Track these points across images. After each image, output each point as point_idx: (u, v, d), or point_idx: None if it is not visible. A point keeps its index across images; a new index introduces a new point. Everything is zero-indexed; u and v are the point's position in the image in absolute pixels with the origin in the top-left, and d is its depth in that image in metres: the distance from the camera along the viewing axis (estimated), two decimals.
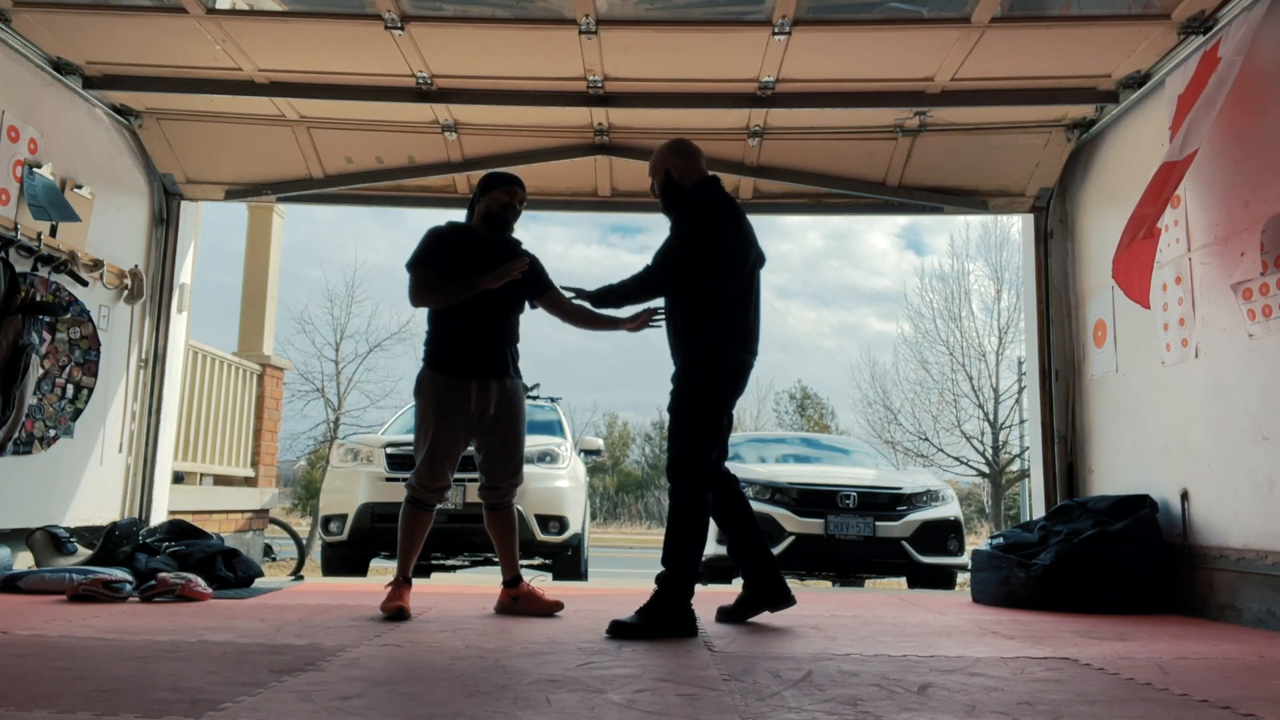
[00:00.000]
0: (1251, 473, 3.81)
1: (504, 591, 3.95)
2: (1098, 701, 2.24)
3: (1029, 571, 4.35)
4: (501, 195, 3.86)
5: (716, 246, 3.48)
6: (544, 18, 4.42)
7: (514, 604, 3.90)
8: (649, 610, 3.31)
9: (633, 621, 3.27)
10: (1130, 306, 4.83)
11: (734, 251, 3.52)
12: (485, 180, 3.93)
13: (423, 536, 3.84)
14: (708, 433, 3.47)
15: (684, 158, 3.69)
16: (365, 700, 2.11)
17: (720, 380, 3.49)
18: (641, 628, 3.24)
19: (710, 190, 3.63)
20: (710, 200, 3.59)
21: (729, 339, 3.48)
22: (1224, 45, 3.91)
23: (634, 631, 3.22)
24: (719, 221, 3.54)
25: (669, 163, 3.68)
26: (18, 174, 4.58)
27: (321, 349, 23.46)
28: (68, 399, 4.99)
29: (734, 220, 3.58)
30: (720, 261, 3.47)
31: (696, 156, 3.71)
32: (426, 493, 3.77)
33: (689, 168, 3.67)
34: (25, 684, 2.19)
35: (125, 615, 3.53)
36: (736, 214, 3.61)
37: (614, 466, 36.66)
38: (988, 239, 25.38)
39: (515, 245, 3.94)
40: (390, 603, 3.65)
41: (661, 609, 3.30)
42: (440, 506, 3.92)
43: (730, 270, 3.49)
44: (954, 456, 22.12)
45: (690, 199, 3.61)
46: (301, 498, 29.17)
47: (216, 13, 4.43)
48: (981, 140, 5.52)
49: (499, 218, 3.87)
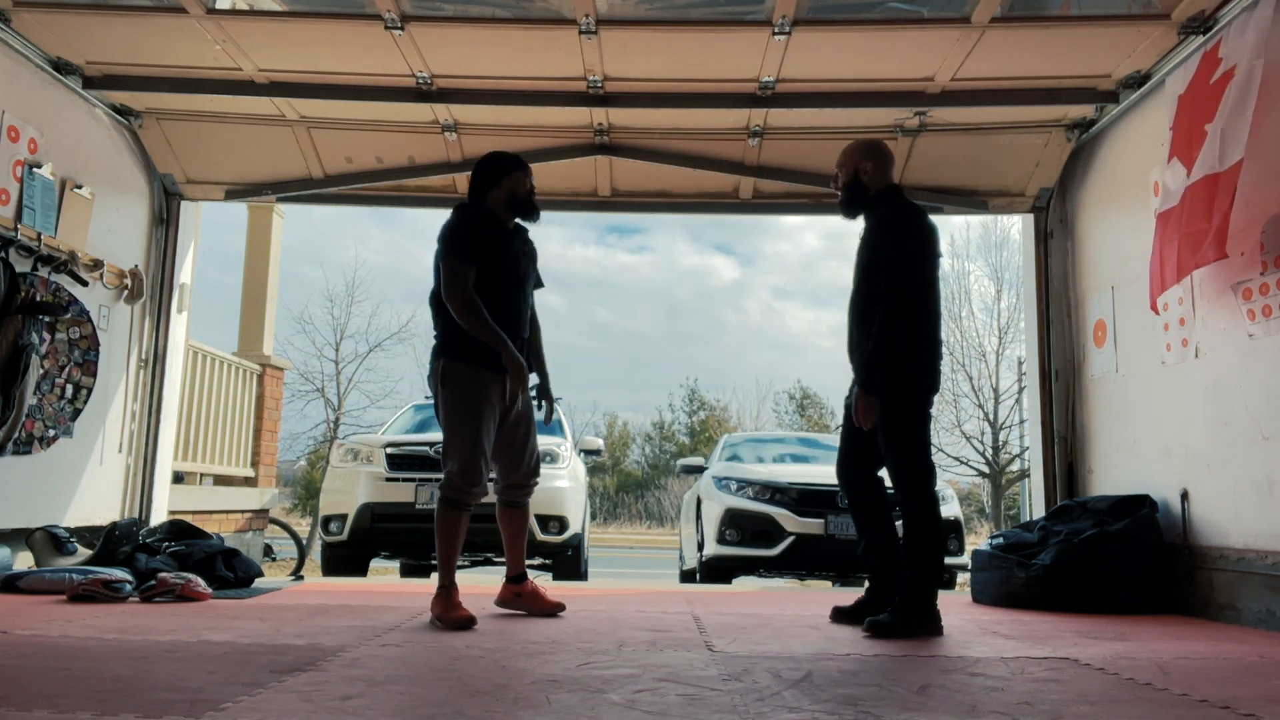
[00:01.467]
0: (1251, 473, 3.81)
1: (507, 586, 3.90)
2: (1098, 701, 2.24)
3: (1029, 571, 4.35)
4: (521, 178, 3.73)
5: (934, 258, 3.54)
6: (544, 18, 4.42)
7: (517, 600, 3.86)
8: (904, 609, 3.39)
9: (889, 620, 3.36)
10: (1130, 307, 4.84)
11: (934, 262, 3.58)
12: (497, 163, 3.75)
13: (462, 538, 3.67)
14: (928, 435, 3.57)
15: (878, 162, 3.67)
16: (365, 700, 2.11)
17: (925, 386, 3.55)
18: (899, 626, 3.34)
19: (905, 199, 3.65)
20: (919, 212, 3.58)
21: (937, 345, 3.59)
22: (1225, 45, 3.90)
23: (892, 630, 3.32)
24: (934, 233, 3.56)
25: (861, 164, 3.66)
26: (18, 174, 4.58)
27: (321, 349, 23.52)
28: (67, 399, 4.99)
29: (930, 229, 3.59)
30: (922, 271, 3.50)
31: (891, 164, 3.71)
32: (468, 493, 3.57)
33: (881, 173, 3.66)
34: (25, 684, 2.19)
35: (125, 615, 3.53)
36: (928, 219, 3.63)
37: (614, 466, 36.64)
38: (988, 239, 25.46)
39: (526, 234, 3.87)
40: (455, 613, 3.43)
41: (918, 609, 3.39)
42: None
43: (932, 280, 3.56)
44: (954, 456, 22.16)
45: (893, 207, 3.59)
46: (301, 498, 29.17)
47: (216, 13, 4.43)
48: (981, 140, 5.52)
49: (526, 202, 3.74)
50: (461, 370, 3.59)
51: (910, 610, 3.38)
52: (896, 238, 3.51)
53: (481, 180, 3.76)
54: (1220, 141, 3.72)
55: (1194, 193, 3.84)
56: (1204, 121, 3.93)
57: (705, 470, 7.79)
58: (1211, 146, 3.78)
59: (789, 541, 6.42)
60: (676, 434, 37.82)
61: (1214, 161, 3.74)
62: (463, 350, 3.59)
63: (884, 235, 3.56)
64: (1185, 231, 3.89)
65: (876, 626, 3.35)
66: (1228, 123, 3.71)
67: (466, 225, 3.65)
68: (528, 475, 3.83)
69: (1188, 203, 3.90)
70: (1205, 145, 3.84)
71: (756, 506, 6.60)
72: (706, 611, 4.03)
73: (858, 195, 3.67)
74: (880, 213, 3.62)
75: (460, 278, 3.55)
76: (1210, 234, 3.69)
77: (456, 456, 3.57)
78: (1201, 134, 3.92)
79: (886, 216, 3.59)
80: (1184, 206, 3.94)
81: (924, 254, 3.51)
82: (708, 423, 36.24)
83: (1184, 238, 3.90)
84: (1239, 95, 3.69)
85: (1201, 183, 3.81)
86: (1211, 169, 3.75)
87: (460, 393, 3.58)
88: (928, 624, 3.38)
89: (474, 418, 3.56)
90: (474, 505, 3.63)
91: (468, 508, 3.62)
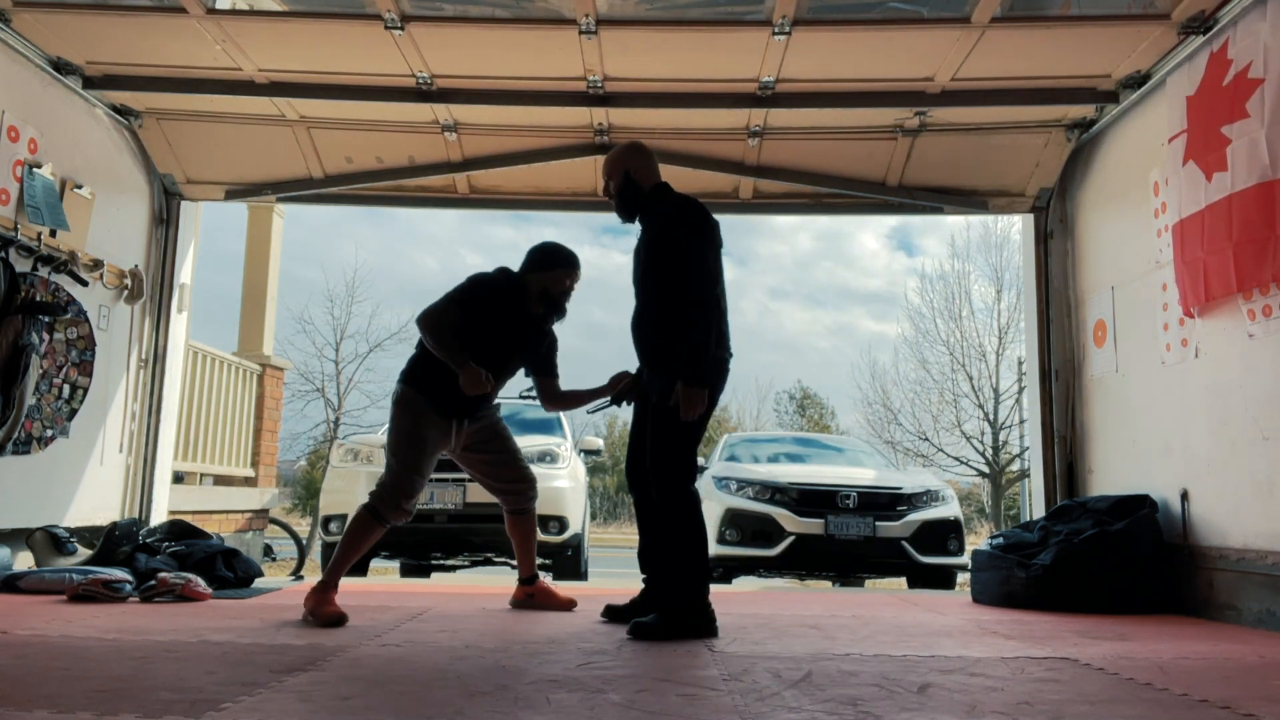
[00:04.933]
0: (1251, 473, 3.81)
1: (520, 588, 4.10)
2: (1098, 701, 2.24)
3: (1029, 571, 4.35)
4: (564, 278, 3.83)
5: (705, 249, 3.42)
6: (544, 18, 4.42)
7: (530, 600, 4.05)
8: (675, 614, 3.28)
9: (655, 624, 3.25)
10: (1130, 307, 4.84)
11: (717, 253, 3.48)
12: (546, 255, 3.84)
13: (366, 549, 3.74)
14: (698, 433, 3.44)
15: (645, 159, 3.65)
16: (365, 700, 2.11)
17: (711, 382, 3.43)
18: (662, 628, 3.23)
19: (675, 194, 3.59)
20: (687, 203, 3.52)
21: (715, 340, 3.44)
22: (1234, 46, 3.87)
23: (655, 632, 3.21)
24: (705, 223, 3.47)
25: (630, 163, 3.62)
26: (18, 174, 4.58)
27: (321, 349, 23.50)
28: (64, 399, 4.99)
29: (708, 217, 3.51)
30: (709, 264, 3.41)
31: (654, 159, 3.68)
32: (394, 511, 3.64)
33: (649, 169, 3.63)
34: (25, 684, 2.19)
35: (125, 615, 3.53)
36: (703, 209, 3.55)
37: (614, 466, 36.60)
38: (988, 239, 25.39)
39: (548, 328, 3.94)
40: (325, 609, 3.45)
41: (683, 608, 3.28)
42: (440, 506, 3.92)
43: (717, 272, 3.45)
44: (954, 456, 22.15)
45: (663, 202, 3.55)
46: (301, 498, 29.17)
47: (216, 13, 4.43)
48: (981, 140, 5.52)
49: (557, 303, 3.85)
50: (416, 401, 3.73)
51: (675, 611, 3.27)
52: (678, 232, 3.43)
53: (531, 261, 3.87)
54: (1266, 148, 3.63)
55: (1245, 202, 3.74)
56: (1220, 124, 3.88)
57: (705, 470, 7.79)
58: (1252, 153, 3.70)
59: (789, 541, 6.42)
60: None
61: (1264, 169, 3.64)
62: (423, 384, 3.74)
63: (665, 231, 3.47)
64: (1240, 240, 3.76)
65: (639, 628, 3.23)
66: (1272, 130, 3.61)
67: (478, 288, 3.75)
68: (523, 481, 4.00)
69: (1235, 212, 3.79)
70: (1235, 150, 3.77)
71: (756, 506, 6.61)
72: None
73: (634, 196, 3.60)
74: (658, 209, 3.54)
75: (440, 318, 3.65)
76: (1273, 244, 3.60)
77: (391, 476, 3.68)
78: (1220, 138, 3.87)
79: (664, 212, 3.51)
80: (1224, 216, 3.84)
81: (706, 245, 3.42)
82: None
83: (1239, 246, 3.77)
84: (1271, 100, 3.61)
85: (1253, 190, 3.69)
86: (1264, 176, 3.65)
87: (408, 421, 3.72)
88: (697, 625, 3.26)
89: (416, 449, 3.69)
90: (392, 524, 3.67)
91: (385, 524, 3.66)
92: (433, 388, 3.71)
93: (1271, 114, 3.62)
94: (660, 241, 3.48)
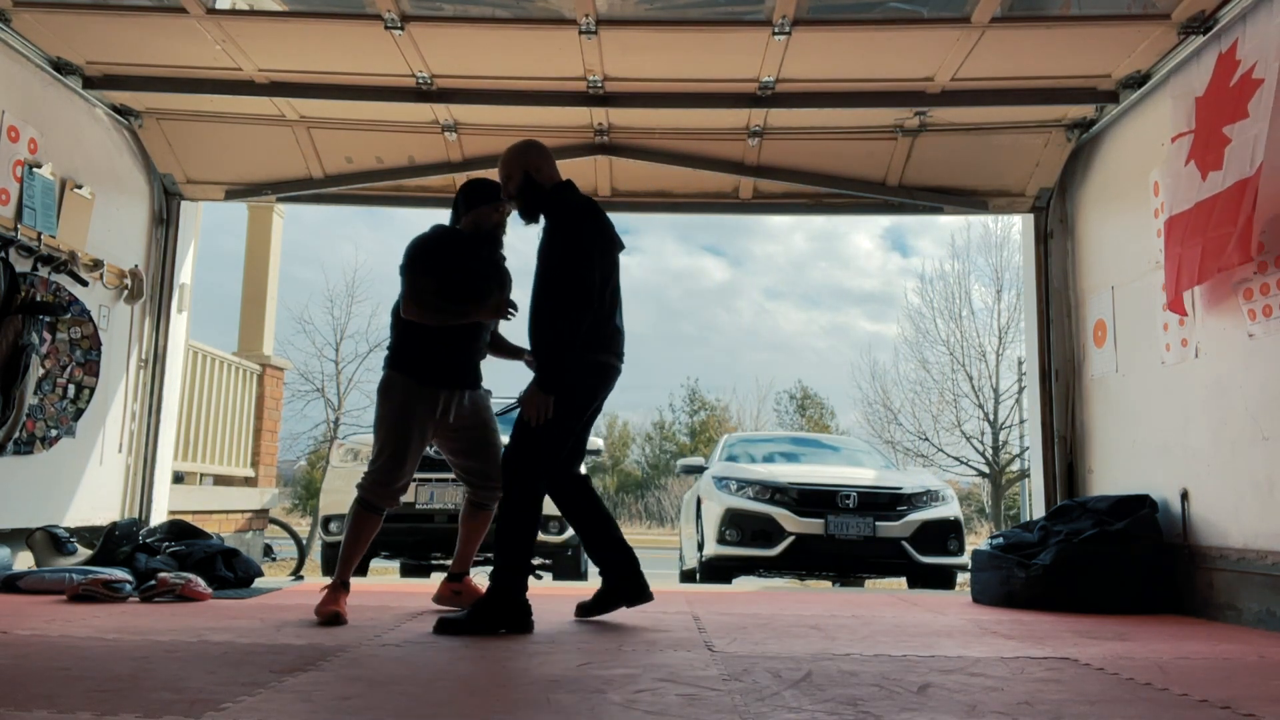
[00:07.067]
0: (1251, 473, 3.81)
1: (446, 584, 3.99)
2: (1098, 701, 2.24)
3: (1029, 571, 4.35)
4: (490, 213, 3.80)
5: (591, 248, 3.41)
6: (544, 18, 4.42)
7: (455, 598, 3.93)
8: (483, 605, 3.29)
9: (462, 618, 3.26)
10: (1130, 307, 4.84)
11: (605, 254, 3.48)
12: (470, 192, 3.83)
13: (368, 542, 3.74)
14: (560, 436, 3.42)
15: (544, 158, 3.62)
16: (365, 700, 2.11)
17: (581, 385, 3.43)
18: (472, 623, 3.23)
19: (574, 193, 3.58)
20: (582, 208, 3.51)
21: (595, 343, 3.43)
22: (1243, 46, 3.85)
23: (464, 628, 3.21)
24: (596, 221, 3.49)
25: (529, 163, 3.59)
26: (18, 174, 4.58)
27: (321, 349, 23.50)
28: (69, 399, 4.99)
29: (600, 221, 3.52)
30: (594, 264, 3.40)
31: (551, 158, 3.67)
32: (383, 496, 3.65)
33: (548, 168, 3.62)
34: (25, 684, 2.19)
35: (125, 615, 3.53)
36: (599, 213, 3.56)
37: (614, 466, 36.66)
38: (988, 239, 25.35)
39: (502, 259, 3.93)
40: (327, 607, 3.50)
41: (497, 604, 3.28)
42: (440, 506, 3.91)
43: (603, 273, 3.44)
44: (954, 456, 22.12)
45: (559, 201, 3.53)
46: (301, 498, 29.17)
47: (216, 13, 4.43)
48: (981, 140, 5.52)
49: (491, 236, 3.83)
50: (398, 381, 3.70)
51: (487, 606, 3.27)
52: (562, 237, 3.43)
53: (459, 203, 3.87)
54: (1251, 146, 3.67)
55: (1227, 198, 3.77)
56: (1223, 124, 3.89)
57: (705, 470, 7.79)
58: (1241, 151, 3.72)
59: (789, 541, 6.42)
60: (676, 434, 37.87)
61: (1244, 166, 3.68)
62: (406, 363, 3.71)
63: (553, 236, 3.46)
64: (1210, 235, 3.81)
65: (444, 624, 3.23)
66: (1258, 128, 3.64)
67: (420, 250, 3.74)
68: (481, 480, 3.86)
69: (1217, 207, 3.82)
70: (1233, 150, 3.79)
71: (756, 506, 6.61)
72: (706, 611, 4.03)
73: (535, 195, 3.57)
74: (558, 209, 3.52)
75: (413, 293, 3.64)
76: (1234, 238, 3.64)
77: (376, 461, 3.68)
78: (1220, 138, 3.88)
79: (563, 212, 3.50)
80: (1207, 211, 3.87)
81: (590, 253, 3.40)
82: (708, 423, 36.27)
83: (1208, 241, 3.82)
84: (1267, 100, 3.63)
85: (1235, 188, 3.73)
86: (1242, 174, 3.69)
87: (391, 404, 3.69)
88: (510, 620, 3.25)
89: (400, 430, 3.66)
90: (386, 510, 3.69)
91: (379, 511, 3.68)
92: (414, 362, 3.69)
93: (1269, 114, 3.63)
94: (548, 246, 3.47)
